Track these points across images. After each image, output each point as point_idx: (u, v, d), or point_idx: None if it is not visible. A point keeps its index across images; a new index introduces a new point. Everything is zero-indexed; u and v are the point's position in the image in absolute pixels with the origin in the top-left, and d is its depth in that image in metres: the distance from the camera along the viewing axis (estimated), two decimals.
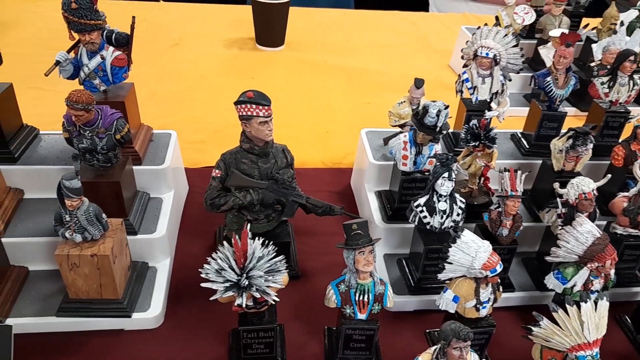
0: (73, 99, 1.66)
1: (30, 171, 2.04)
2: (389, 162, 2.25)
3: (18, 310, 1.79)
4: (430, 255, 1.91)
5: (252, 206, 1.89)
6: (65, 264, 1.68)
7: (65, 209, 1.63)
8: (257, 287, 1.43)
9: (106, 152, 1.81)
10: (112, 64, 1.93)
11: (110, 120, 1.77)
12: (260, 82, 3.45)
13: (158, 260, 2.01)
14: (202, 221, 2.32)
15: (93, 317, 1.78)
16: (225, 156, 1.90)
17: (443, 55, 4.00)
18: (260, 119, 1.81)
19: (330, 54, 3.87)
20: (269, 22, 3.76)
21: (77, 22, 1.81)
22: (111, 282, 1.74)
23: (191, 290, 1.99)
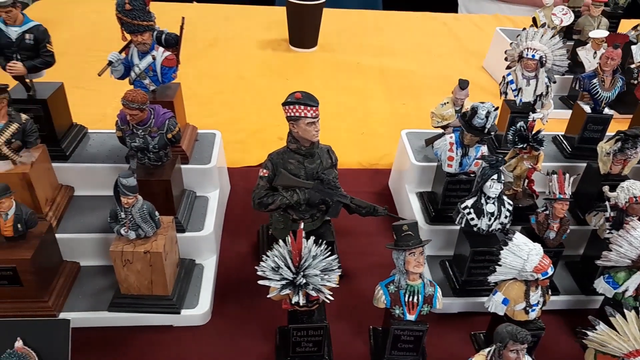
0: (129, 98, 1.69)
1: (80, 169, 2.09)
2: (431, 163, 2.25)
3: (70, 304, 1.83)
4: (476, 257, 1.90)
5: (299, 206, 1.90)
6: (119, 260, 1.72)
7: (120, 206, 1.66)
8: (314, 286, 1.44)
9: (157, 151, 1.84)
10: (162, 64, 1.97)
11: (162, 120, 1.81)
12: (294, 84, 3.47)
13: (205, 257, 2.04)
14: (245, 220, 2.35)
15: (143, 312, 1.82)
16: (273, 156, 1.92)
17: (476, 57, 3.97)
18: (308, 119, 1.83)
19: (363, 55, 3.88)
20: (303, 24, 3.78)
21: (130, 23, 1.85)
22: (162, 278, 1.78)
23: (237, 288, 2.02)
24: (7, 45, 1.89)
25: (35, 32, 1.90)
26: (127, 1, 1.82)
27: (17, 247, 1.69)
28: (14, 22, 1.87)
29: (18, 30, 1.88)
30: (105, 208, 2.04)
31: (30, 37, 1.90)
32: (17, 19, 1.88)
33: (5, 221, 1.66)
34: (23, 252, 1.68)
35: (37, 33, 1.90)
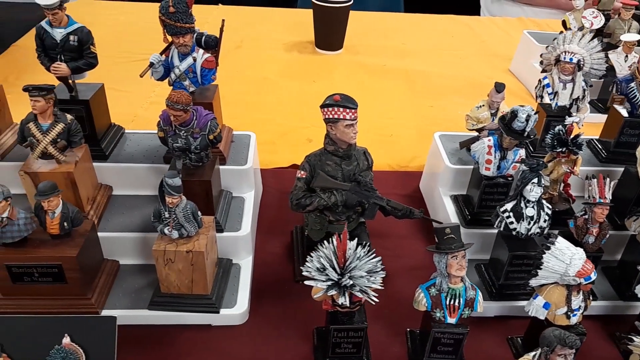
0: (173, 99, 1.71)
1: (119, 168, 2.12)
2: (465, 166, 2.25)
3: (111, 302, 1.86)
4: (514, 261, 1.89)
5: (336, 207, 1.91)
6: (161, 259, 1.74)
7: (165, 206, 1.68)
8: (360, 287, 1.45)
9: (199, 152, 1.86)
10: (202, 66, 1.99)
11: (204, 121, 1.83)
12: (321, 86, 3.49)
13: (241, 257, 2.05)
14: (278, 220, 2.36)
15: (183, 311, 1.83)
16: (310, 158, 1.93)
17: (503, 60, 3.96)
18: (346, 121, 1.84)
19: (388, 58, 3.88)
20: (330, 26, 3.80)
21: (173, 25, 1.87)
22: (202, 278, 1.79)
23: (273, 288, 2.03)
24: (51, 46, 1.93)
25: (79, 33, 1.93)
26: (171, 4, 1.84)
27: (62, 244, 1.72)
28: (59, 24, 1.91)
29: (63, 31, 1.92)
30: (143, 207, 2.09)
31: (74, 38, 1.93)
32: (62, 21, 1.91)
33: (52, 219, 1.69)
34: (69, 250, 1.71)
35: (81, 35, 1.94)
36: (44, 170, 1.83)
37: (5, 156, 2.10)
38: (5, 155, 2.10)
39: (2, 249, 1.69)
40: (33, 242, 1.72)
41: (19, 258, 1.69)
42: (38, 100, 1.74)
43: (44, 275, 1.72)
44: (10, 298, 1.78)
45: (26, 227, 1.67)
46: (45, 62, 1.95)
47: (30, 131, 1.79)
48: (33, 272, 1.72)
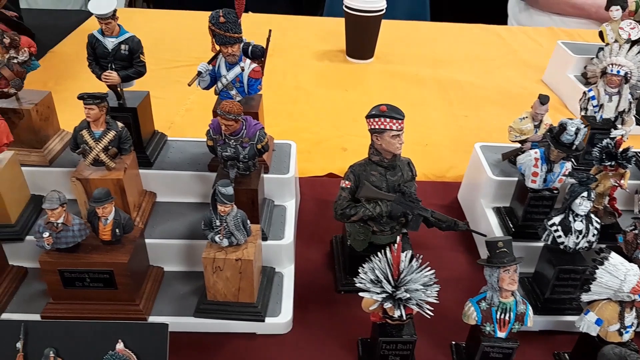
0: (226, 109, 1.73)
1: (164, 176, 2.14)
2: (508, 177, 2.23)
3: (158, 308, 1.87)
4: (561, 275, 1.87)
5: (380, 218, 1.91)
6: (210, 266, 1.75)
7: (216, 214, 1.70)
8: (416, 300, 1.44)
9: (247, 161, 1.87)
10: (249, 76, 2.00)
11: (254, 131, 1.84)
12: (354, 95, 3.50)
13: (284, 266, 2.06)
14: (316, 228, 2.37)
15: (229, 319, 1.84)
16: (355, 168, 1.94)
17: (535, 70, 3.93)
18: (393, 132, 1.84)
19: (420, 66, 3.88)
20: (362, 34, 3.81)
21: (222, 35, 1.90)
22: (249, 286, 1.80)
23: (315, 297, 2.04)
24: (103, 55, 1.96)
25: (130, 42, 1.97)
26: (221, 14, 1.87)
27: (114, 251, 1.75)
28: (111, 33, 1.94)
29: (114, 40, 1.95)
30: (187, 214, 2.11)
31: (125, 47, 1.96)
32: (114, 30, 1.94)
33: (105, 225, 1.71)
34: (120, 257, 1.73)
35: (131, 44, 1.97)
36: (94, 176, 1.86)
37: (54, 162, 2.13)
38: (53, 160, 2.13)
39: (55, 254, 1.72)
40: (85, 248, 1.74)
41: (72, 263, 1.71)
42: (92, 108, 1.77)
43: (95, 280, 1.75)
44: (60, 302, 1.80)
45: (80, 233, 1.70)
46: (97, 70, 1.99)
47: (83, 138, 1.82)
48: (85, 278, 1.74)
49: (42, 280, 1.90)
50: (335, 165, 2.79)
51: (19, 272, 1.95)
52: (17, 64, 1.96)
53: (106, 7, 1.87)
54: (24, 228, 1.96)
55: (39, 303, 1.86)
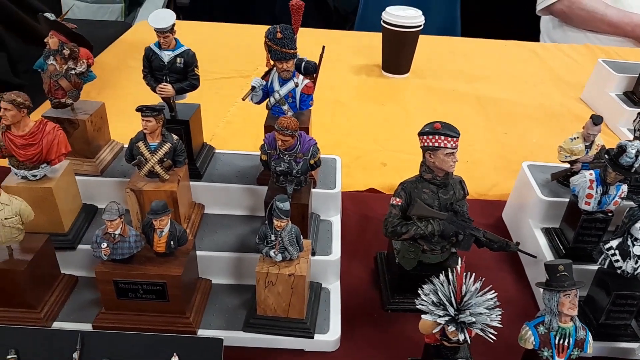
0: (284, 125, 1.74)
1: (213, 188, 2.15)
2: (559, 198, 2.19)
3: (206, 321, 1.87)
4: (617, 300, 1.82)
5: (432, 236, 1.89)
6: (262, 280, 1.75)
7: (272, 228, 1.70)
8: (481, 324, 1.42)
9: (299, 176, 1.87)
10: (302, 92, 2.01)
11: (308, 146, 1.84)
12: (391, 109, 3.49)
13: (330, 281, 2.05)
14: (359, 244, 2.35)
15: (279, 335, 1.83)
16: (406, 185, 1.92)
17: (573, 88, 3.88)
18: (447, 150, 1.83)
19: (457, 82, 3.86)
20: (399, 49, 3.81)
21: (278, 51, 1.91)
22: (300, 301, 1.79)
23: (362, 314, 2.02)
24: (159, 67, 1.99)
25: (185, 56, 1.99)
26: (278, 30, 1.88)
27: (167, 263, 1.75)
28: (168, 46, 1.97)
29: (170, 54, 1.98)
30: (236, 227, 2.12)
31: (180, 60, 1.99)
32: (171, 44, 1.97)
33: (160, 238, 1.72)
34: (173, 269, 1.74)
35: (187, 57, 1.99)
36: (148, 188, 1.87)
37: (105, 172, 2.16)
38: (104, 170, 2.16)
39: (110, 264, 1.73)
40: (139, 259, 1.76)
41: (126, 274, 1.72)
42: (149, 120, 1.79)
43: (148, 292, 1.76)
44: (112, 312, 1.81)
45: (136, 244, 1.71)
46: (152, 82, 2.02)
47: (139, 150, 1.84)
48: (138, 289, 1.75)
49: (97, 289, 1.93)
50: (375, 180, 2.78)
51: (70, 281, 1.97)
52: (74, 75, 2.00)
53: (165, 21, 1.90)
54: (76, 237, 1.99)
55: (89, 312, 1.88)
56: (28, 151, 1.80)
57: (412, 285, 2.00)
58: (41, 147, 1.80)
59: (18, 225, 1.69)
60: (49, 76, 1.99)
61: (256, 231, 2.11)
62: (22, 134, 1.79)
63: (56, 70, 1.98)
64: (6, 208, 1.66)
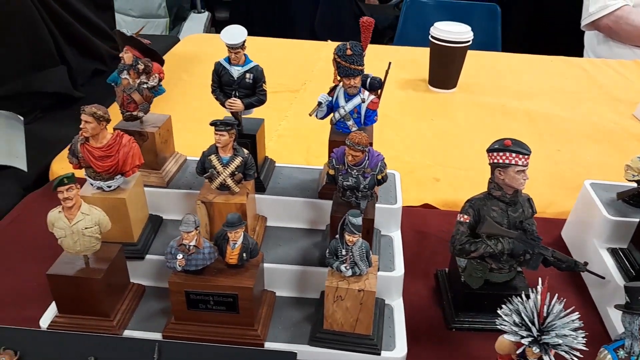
0: (355, 140, 1.75)
1: (276, 201, 2.18)
2: (626, 218, 2.14)
3: (272, 335, 1.88)
4: None
5: (501, 255, 1.87)
6: (331, 295, 1.75)
7: (343, 243, 1.70)
8: (567, 346, 1.39)
9: (366, 191, 1.88)
10: (368, 107, 2.03)
11: (376, 161, 1.85)
12: (440, 124, 3.48)
13: (393, 298, 2.04)
14: (417, 261, 2.34)
15: (345, 350, 1.83)
16: (474, 202, 1.91)
17: (625, 104, 3.80)
18: (518, 167, 1.82)
19: (505, 97, 3.82)
20: (447, 64, 3.80)
21: (347, 67, 1.93)
22: (368, 317, 1.79)
23: (426, 333, 2.00)
24: (228, 83, 2.03)
25: (254, 72, 2.03)
26: (348, 47, 1.91)
27: (238, 275, 1.77)
28: (238, 62, 2.01)
29: (240, 69, 2.02)
30: (298, 240, 2.14)
31: (250, 76, 2.02)
32: (241, 59, 2.01)
33: (233, 250, 1.75)
34: (245, 281, 1.76)
35: (256, 73, 2.03)
36: (218, 200, 1.91)
37: (170, 183, 2.21)
38: (169, 182, 2.21)
39: (183, 275, 1.76)
40: (211, 271, 1.78)
41: (199, 285, 1.75)
42: (223, 134, 1.83)
43: (218, 303, 1.78)
44: (181, 323, 1.84)
45: (210, 256, 1.74)
46: (221, 97, 2.06)
47: (211, 163, 1.88)
48: (209, 300, 1.77)
49: (164, 299, 1.97)
50: (429, 196, 2.77)
51: (139, 290, 2.01)
52: (146, 88, 2.06)
53: (238, 37, 1.94)
54: (145, 247, 2.03)
55: (157, 321, 1.91)
56: (105, 163, 1.85)
57: (477, 304, 2.00)
58: (117, 159, 1.85)
59: (97, 234, 1.74)
60: (122, 90, 2.05)
61: (317, 245, 2.14)
62: (99, 146, 1.85)
63: (129, 84, 2.04)
64: (87, 218, 1.71)
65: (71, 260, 1.80)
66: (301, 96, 3.75)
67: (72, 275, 1.76)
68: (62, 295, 1.81)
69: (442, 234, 2.50)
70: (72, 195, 1.66)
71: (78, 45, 3.66)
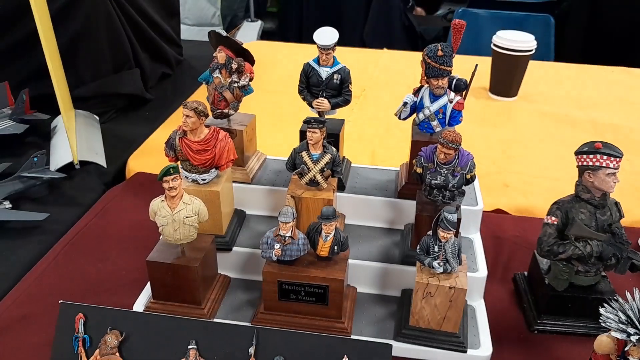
0: (449, 138, 1.78)
1: (355, 199, 2.22)
2: None
3: (357, 329, 1.91)
4: None
5: (589, 258, 1.86)
6: (421, 291, 1.77)
7: (436, 239, 1.73)
8: None
9: (454, 190, 1.90)
10: (453, 108, 2.06)
11: (466, 160, 1.88)
12: (504, 132, 3.47)
13: (475, 299, 2.05)
14: (495, 265, 2.33)
15: (432, 347, 1.84)
16: (562, 204, 1.91)
17: None
18: (609, 170, 1.82)
19: (569, 107, 3.78)
20: (509, 73, 3.80)
21: (437, 68, 1.97)
22: (457, 315, 1.80)
23: (508, 335, 1.99)
24: (316, 83, 2.10)
25: (342, 73, 2.09)
26: (440, 48, 1.94)
27: (329, 267, 1.82)
28: (327, 63, 2.07)
29: (329, 70, 2.08)
30: (377, 238, 2.17)
31: (337, 77, 2.08)
32: (330, 61, 2.08)
33: (325, 242, 1.79)
34: (336, 273, 1.80)
35: (343, 74, 2.09)
36: (307, 195, 1.96)
37: (254, 180, 2.28)
38: (253, 178, 2.28)
39: (277, 266, 1.82)
40: (302, 262, 1.83)
41: (292, 276, 1.80)
42: (315, 132, 1.89)
43: (309, 294, 1.82)
44: (271, 313, 1.89)
45: (304, 247, 1.79)
46: (308, 97, 2.13)
47: (302, 159, 1.93)
48: (300, 291, 1.82)
49: (249, 290, 2.03)
50: (500, 201, 2.76)
51: (225, 281, 2.07)
52: (237, 87, 2.14)
53: (330, 39, 2.01)
54: (232, 239, 2.10)
55: (244, 312, 1.97)
56: (202, 156, 1.93)
57: (562, 307, 1.98)
58: (214, 153, 1.93)
59: (195, 224, 1.81)
60: (214, 88, 2.14)
61: (397, 244, 2.17)
62: (197, 140, 1.93)
63: (221, 83, 2.13)
64: (187, 207, 1.78)
65: (167, 248, 1.88)
66: (361, 102, 3.80)
67: (171, 262, 1.83)
68: (158, 282, 1.89)
69: (516, 239, 2.49)
70: (176, 185, 1.74)
71: (150, 50, 3.82)
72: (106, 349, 1.64)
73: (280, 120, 3.46)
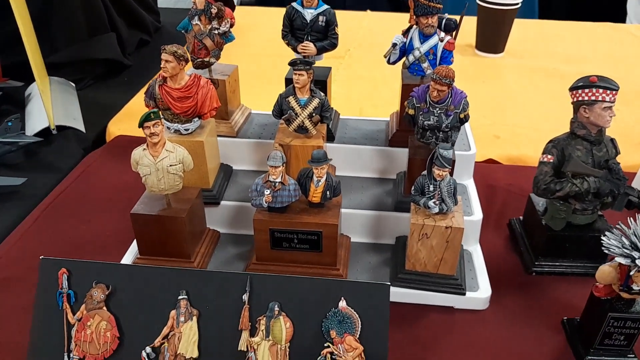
0: (442, 73, 1.72)
1: (345, 149, 2.16)
2: None
3: (352, 276, 1.86)
4: None
5: (586, 195, 1.82)
6: (417, 233, 1.72)
7: (431, 178, 1.67)
8: None
9: (448, 131, 1.84)
10: (444, 48, 1.99)
11: (459, 99, 1.82)
12: (493, 87, 3.42)
13: (470, 244, 2.01)
14: (489, 212, 2.28)
15: (430, 290, 1.80)
16: (558, 142, 1.87)
17: None
18: (605, 104, 1.78)
19: (557, 62, 3.74)
20: (495, 28, 3.73)
21: (425, 5, 1.89)
22: (453, 257, 1.76)
23: (506, 278, 1.97)
24: (300, 26, 2.01)
25: (327, 14, 2.00)
26: None
27: (321, 213, 1.76)
28: (311, 5, 1.98)
29: (313, 12, 1.99)
30: (367, 188, 2.12)
31: (322, 19, 2.00)
32: (314, 2, 1.99)
33: (317, 187, 1.73)
34: (329, 219, 1.74)
35: (329, 16, 2.00)
36: (295, 143, 1.89)
37: (239, 133, 2.20)
38: (238, 132, 2.20)
39: (267, 213, 1.75)
40: (294, 209, 1.77)
41: (284, 223, 1.74)
42: (302, 74, 1.81)
43: (302, 242, 1.76)
44: (263, 263, 1.83)
45: (295, 192, 1.72)
46: (292, 42, 2.04)
47: (289, 104, 1.85)
48: (293, 239, 1.76)
49: (239, 245, 1.96)
50: (492, 152, 2.72)
51: (215, 235, 2.00)
52: (218, 34, 2.04)
53: None
54: (219, 193, 2.02)
55: (235, 265, 1.91)
56: (184, 104, 1.84)
57: (559, 248, 1.95)
58: (196, 100, 1.84)
59: (180, 173, 1.73)
60: (193, 36, 2.04)
61: (389, 192, 2.11)
62: (178, 87, 1.83)
63: (200, 30, 2.03)
64: (171, 155, 1.70)
65: (152, 200, 1.80)
66: (347, 62, 3.73)
67: (156, 214, 1.76)
68: (144, 236, 1.81)
69: (509, 187, 2.45)
70: (158, 131, 1.65)
71: (126, 16, 3.68)
72: (92, 303, 1.57)
73: (263, 81, 3.37)
